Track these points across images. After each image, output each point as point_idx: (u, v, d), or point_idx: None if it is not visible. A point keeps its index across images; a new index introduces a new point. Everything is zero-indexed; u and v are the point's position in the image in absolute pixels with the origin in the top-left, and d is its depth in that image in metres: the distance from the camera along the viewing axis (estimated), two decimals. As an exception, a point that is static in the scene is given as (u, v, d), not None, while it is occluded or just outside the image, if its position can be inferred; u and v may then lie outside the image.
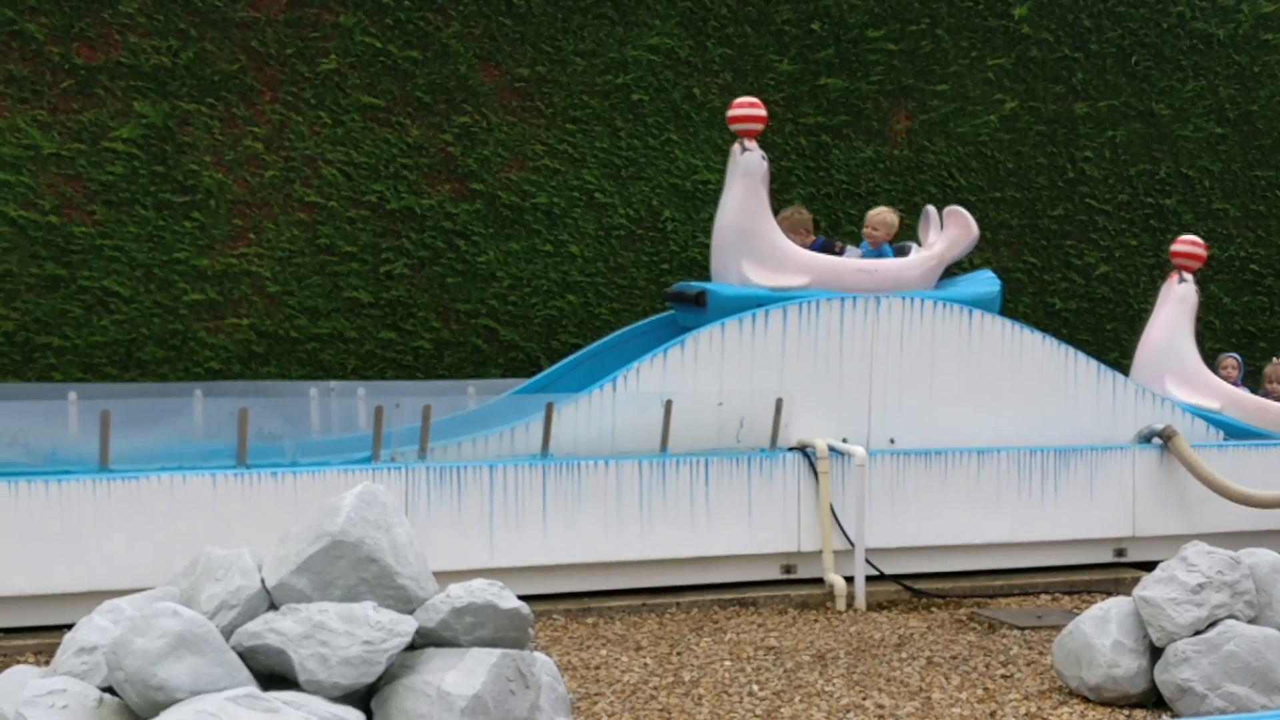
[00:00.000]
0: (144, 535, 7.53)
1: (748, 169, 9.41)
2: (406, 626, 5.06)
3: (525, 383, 10.09)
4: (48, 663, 6.49)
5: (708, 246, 12.13)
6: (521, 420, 8.72)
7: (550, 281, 11.88)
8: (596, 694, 6.57)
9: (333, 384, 10.00)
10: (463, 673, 4.97)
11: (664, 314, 10.30)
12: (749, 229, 9.39)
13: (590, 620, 8.20)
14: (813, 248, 9.82)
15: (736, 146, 9.47)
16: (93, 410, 7.92)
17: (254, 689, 4.77)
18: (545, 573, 8.44)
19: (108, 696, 4.95)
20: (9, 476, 7.37)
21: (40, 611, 7.40)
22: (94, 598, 7.08)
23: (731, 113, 9.58)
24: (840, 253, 9.94)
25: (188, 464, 7.86)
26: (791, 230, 9.79)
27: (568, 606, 8.31)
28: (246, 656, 5.05)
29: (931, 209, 10.11)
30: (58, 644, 7.01)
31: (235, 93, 10.82)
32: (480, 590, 5.20)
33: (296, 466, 7.99)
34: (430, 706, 4.89)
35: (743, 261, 9.39)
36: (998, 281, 10.05)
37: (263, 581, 5.32)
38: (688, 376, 9.01)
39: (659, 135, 12.27)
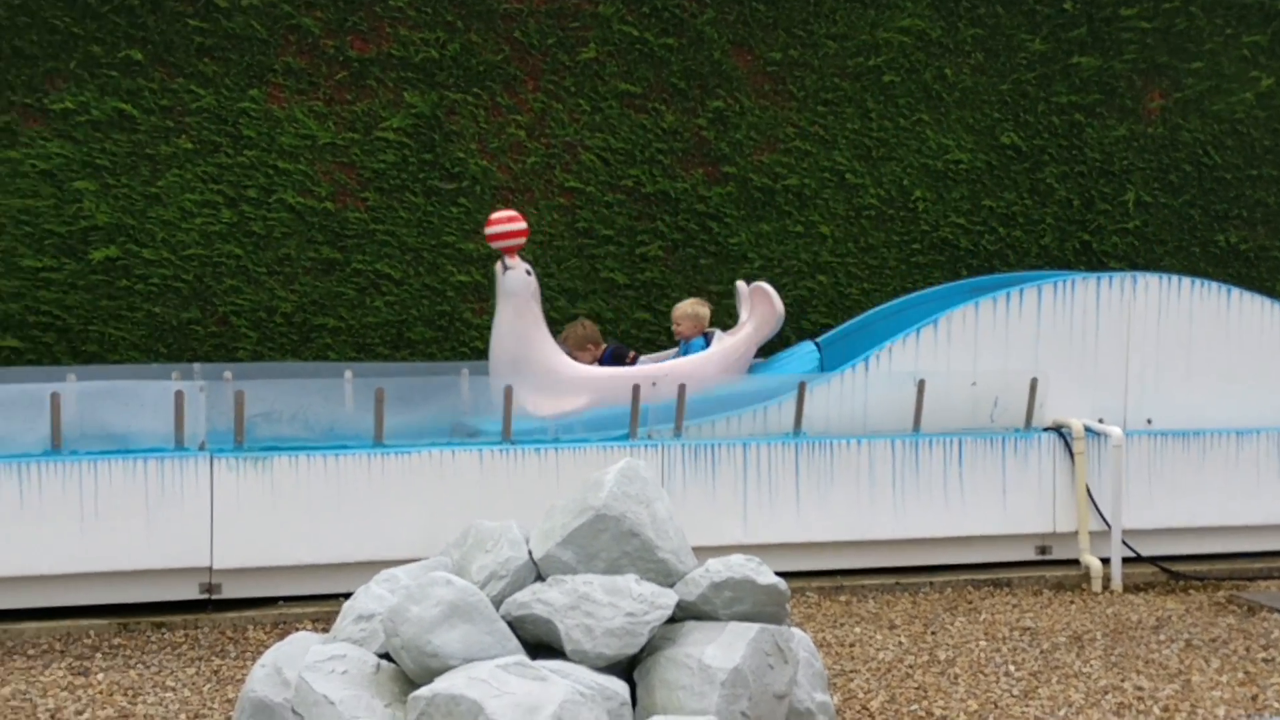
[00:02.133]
0: (415, 507, 7.88)
1: (509, 289, 8.69)
2: (668, 600, 5.21)
3: (762, 361, 10.18)
4: (326, 629, 6.88)
5: (959, 226, 12.02)
6: (774, 399, 8.83)
7: (801, 262, 11.94)
8: (852, 671, 6.65)
9: (590, 363, 10.26)
10: (722, 646, 5.10)
11: (915, 294, 10.27)
12: (521, 355, 8.68)
13: (843, 598, 8.27)
14: (603, 358, 9.31)
15: (498, 266, 8.76)
16: (367, 388, 8.31)
17: (523, 657, 4.97)
18: (798, 550, 8.54)
19: (385, 662, 5.21)
20: (291, 451, 7.79)
21: (318, 580, 7.81)
22: (368, 567, 7.49)
23: (488, 229, 8.79)
24: (633, 361, 9.29)
25: (455, 440, 8.19)
26: (577, 347, 9.24)
27: (820, 584, 8.40)
28: (515, 626, 5.27)
29: (741, 285, 9.46)
30: (334, 611, 7.43)
31: (499, 82, 11.16)
32: (738, 565, 5.32)
33: (558, 443, 8.25)
34: (691, 678, 5.03)
35: (519, 390, 8.45)
36: (817, 355, 9.58)
37: (530, 553, 5.54)
38: (940, 356, 8.98)
39: (910, 116, 12.20)
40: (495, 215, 8.81)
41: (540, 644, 5.27)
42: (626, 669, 5.26)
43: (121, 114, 10.29)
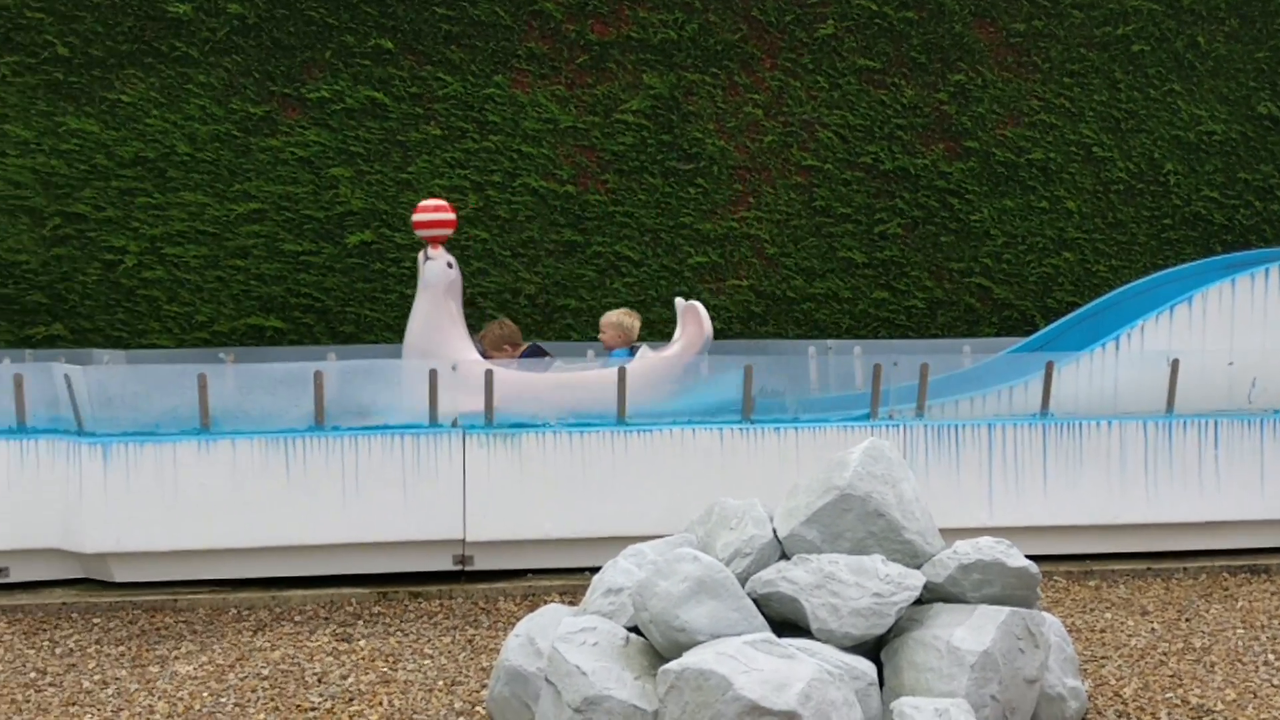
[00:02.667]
0: (656, 484, 7.99)
1: (427, 280, 8.47)
2: (915, 581, 5.21)
3: (1022, 341, 10.01)
4: (574, 602, 7.04)
5: (1212, 200, 11.63)
6: (1020, 379, 8.69)
7: (1046, 239, 11.71)
8: (1103, 657, 6.53)
9: (830, 342, 10.26)
10: (972, 629, 5.07)
11: (1166, 271, 9.98)
12: (431, 347, 8.41)
13: (1093, 583, 8.11)
14: (522, 359, 8.97)
15: (421, 254, 8.56)
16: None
17: (770, 634, 5.01)
18: (1045, 533, 8.40)
19: (633, 636, 5.31)
20: (539, 429, 7.98)
21: (565, 554, 7.99)
22: (611, 542, 7.62)
23: (415, 217, 8.59)
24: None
25: (696, 418, 8.27)
26: (493, 347, 8.99)
27: (1069, 568, 8.25)
28: (760, 603, 5.33)
29: (679, 301, 8.90)
30: (581, 584, 7.59)
31: (736, 61, 11.20)
32: (988, 547, 5.28)
33: (797, 422, 8.27)
34: (939, 661, 5.02)
35: (440, 387, 8.10)
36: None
37: (774, 531, 5.58)
38: (1195, 335, 8.72)
39: (1160, 86, 11.84)
40: (423, 204, 8.63)
41: (785, 622, 5.31)
42: (872, 649, 5.26)
43: (374, 102, 10.65)
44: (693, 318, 8.59)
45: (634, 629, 5.37)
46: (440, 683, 6.11)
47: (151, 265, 10.44)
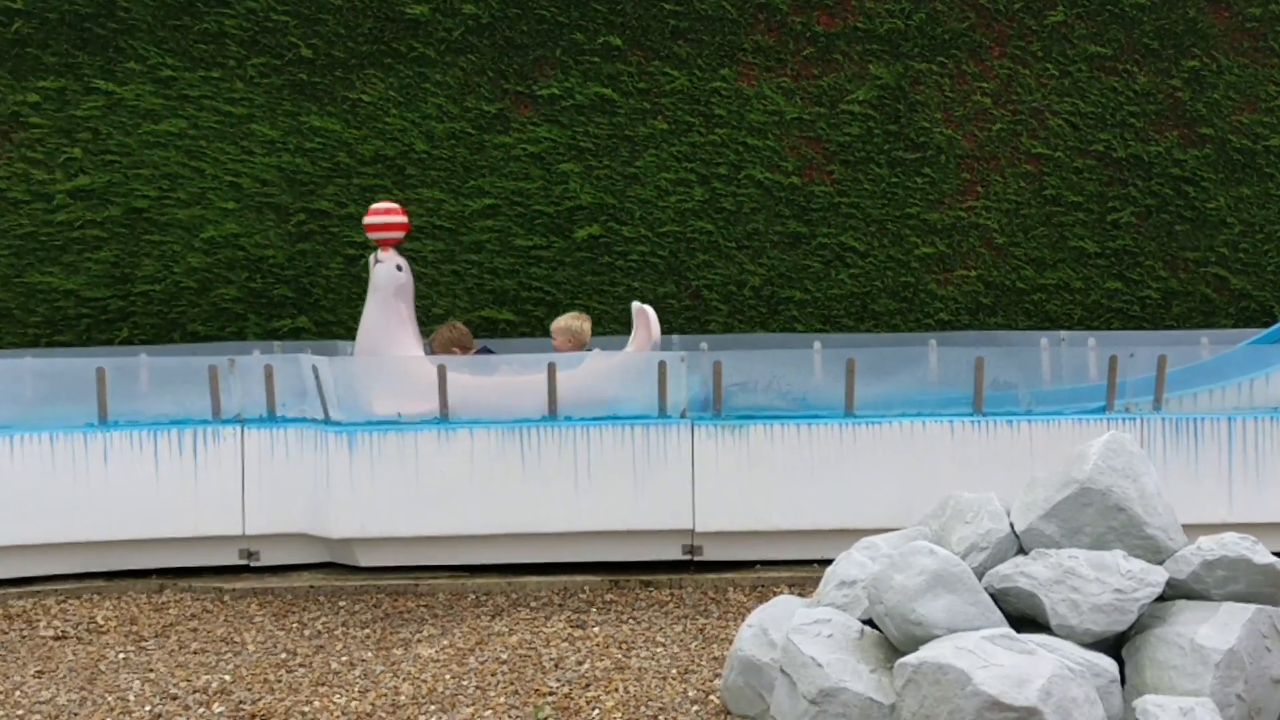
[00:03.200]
0: (885, 477, 7.98)
1: (377, 283, 8.42)
2: (1157, 577, 5.12)
3: (1262, 333, 9.70)
4: (803, 593, 7.08)
5: None
6: (1260, 371, 8.43)
7: (1288, 226, 11.33)
8: (1352, 659, 6.32)
9: (1063, 334, 10.09)
10: (1216, 626, 4.97)
11: None
12: (378, 350, 8.39)
13: (1339, 582, 7.84)
14: None
15: (372, 257, 8.53)
16: (835, 359, 8.46)
17: (1009, 630, 4.99)
18: (1289, 531, 8.14)
19: (868, 629, 5.34)
20: (766, 420, 8.04)
21: (793, 545, 8.03)
22: (840, 535, 7.65)
23: (366, 219, 8.58)
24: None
25: (926, 411, 8.24)
26: (442, 349, 8.84)
27: (1313, 567, 7.99)
28: (996, 598, 5.30)
29: (635, 305, 8.68)
30: (809, 576, 7.63)
31: (964, 50, 11.09)
32: (1233, 544, 5.17)
33: (1030, 415, 8.17)
34: (1183, 658, 4.93)
35: (374, 388, 8.19)
36: None
37: (1010, 526, 5.54)
38: None
39: None
40: (375, 206, 8.64)
41: (1022, 618, 5.27)
42: (1113, 647, 5.20)
43: (602, 98, 10.83)
44: (643, 321, 8.49)
45: (868, 621, 5.39)
46: (674, 671, 6.22)
47: (390, 260, 10.80)
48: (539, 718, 5.62)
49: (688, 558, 7.99)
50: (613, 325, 10.77)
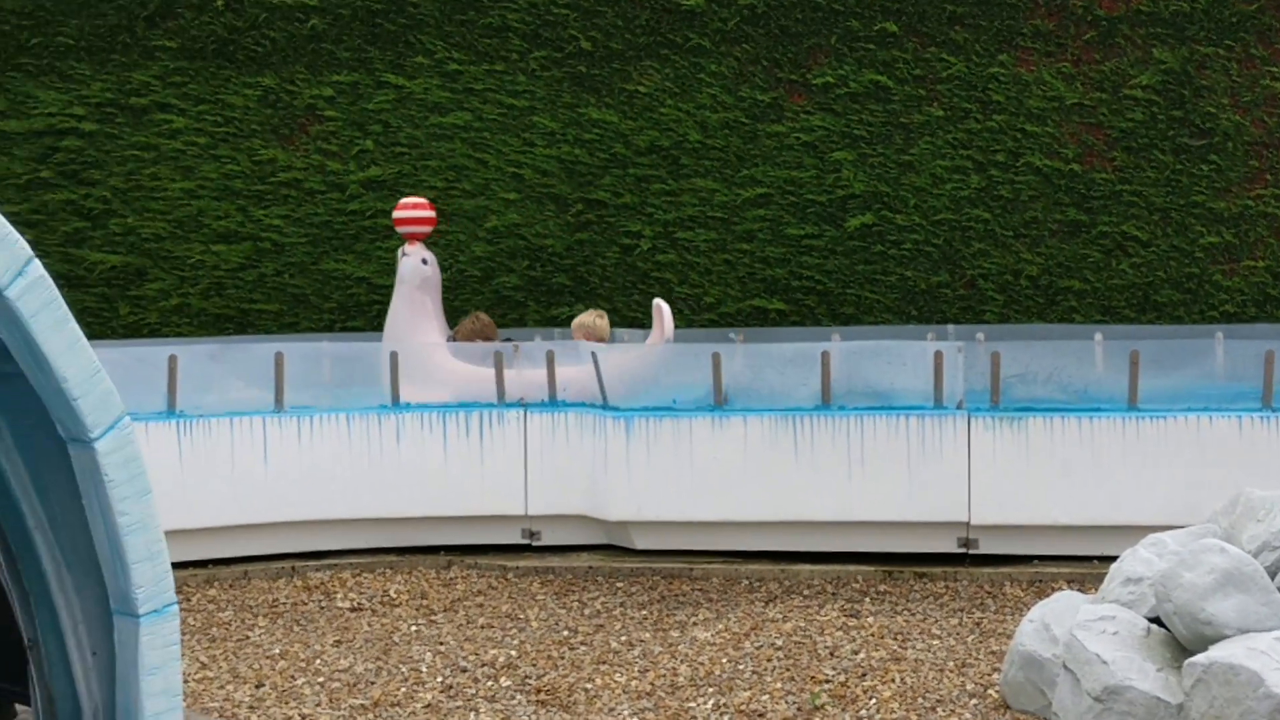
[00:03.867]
0: (1169, 473, 7.77)
1: (402, 276, 8.98)
2: None
3: None
4: (1082, 589, 6.97)
5: None
6: None
7: None
8: None
9: (1360, 327, 9.67)
10: None
11: None
12: (402, 341, 8.76)
13: None
14: None
15: (400, 251, 9.06)
16: (1116, 351, 8.28)
17: (1306, 631, 4.84)
18: None
19: (1154, 627, 5.24)
20: (1046, 412, 7.91)
21: (1071, 541, 7.89)
22: (1122, 531, 7.49)
23: (395, 214, 9.17)
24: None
25: (1213, 405, 7.99)
26: (466, 340, 9.07)
27: None
28: (1291, 598, 5.14)
29: (655, 301, 8.76)
30: (1088, 572, 7.50)
31: (1253, 33, 10.68)
32: None
33: (1325, 412, 7.86)
34: None
35: (401, 378, 8.43)
36: None
37: (1304, 526, 5.37)
38: None
39: None
40: (403, 201, 9.16)
41: (1320, 621, 5.10)
42: None
43: (877, 85, 10.79)
44: (659, 318, 8.66)
45: (1155, 620, 5.29)
46: (950, 664, 6.20)
47: (664, 249, 10.97)
48: (815, 704, 5.68)
49: (962, 550, 7.93)
50: (883, 315, 10.74)
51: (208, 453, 8.00)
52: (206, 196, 11.06)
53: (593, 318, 9.29)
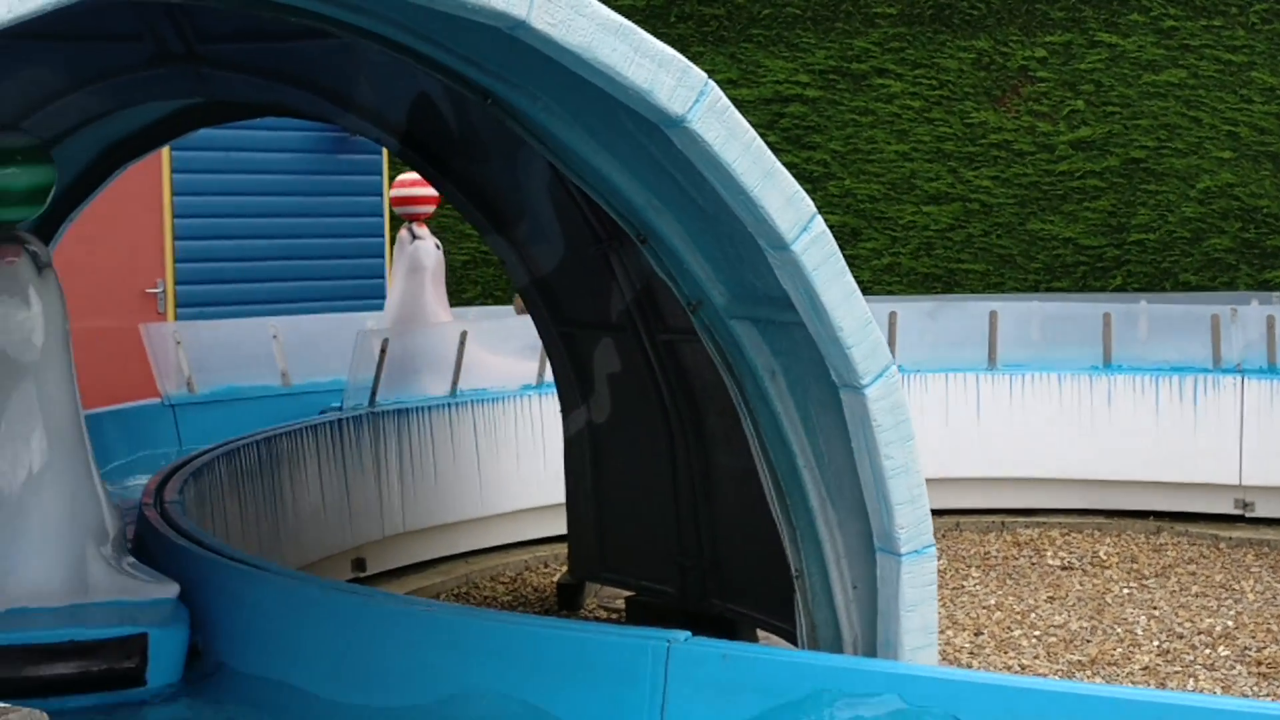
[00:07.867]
0: None
1: (415, 262, 8.61)
2: None
3: None
4: None
5: None
6: None
7: None
8: None
9: None
10: None
11: None
12: (415, 324, 8.47)
13: None
14: None
15: (404, 233, 8.63)
16: None
17: None
18: None
19: None
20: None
21: None
22: None
23: (393, 192, 8.77)
24: None
25: None
26: (520, 314, 8.27)
27: None
28: None
29: None
30: None
31: None
32: None
33: None
34: None
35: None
36: None
37: None
38: None
39: None
40: (400, 178, 8.73)
41: None
42: None
43: None
44: None
45: None
46: None
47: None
48: None
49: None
50: None
51: (922, 408, 8.32)
52: (919, 159, 11.44)
53: None
